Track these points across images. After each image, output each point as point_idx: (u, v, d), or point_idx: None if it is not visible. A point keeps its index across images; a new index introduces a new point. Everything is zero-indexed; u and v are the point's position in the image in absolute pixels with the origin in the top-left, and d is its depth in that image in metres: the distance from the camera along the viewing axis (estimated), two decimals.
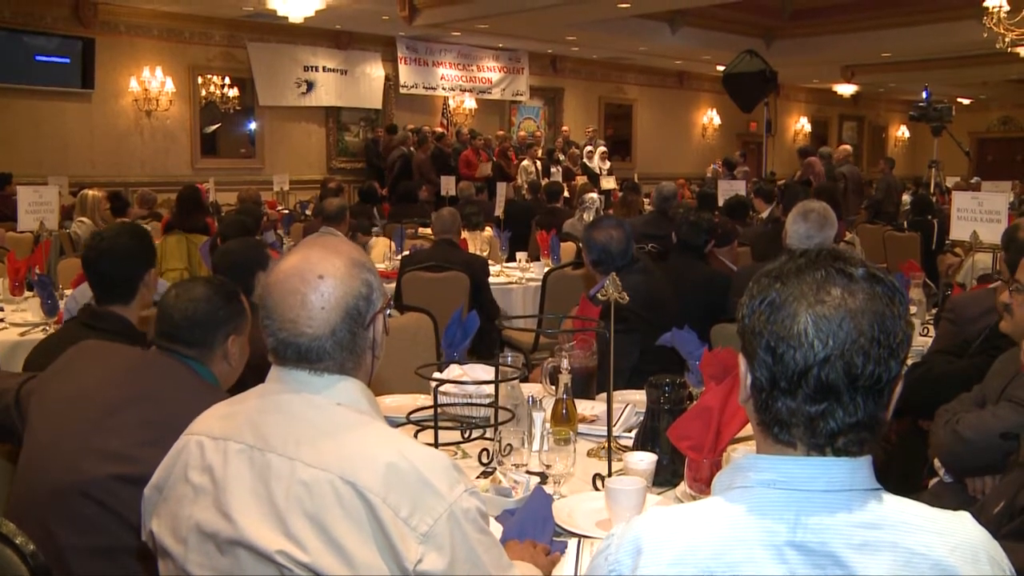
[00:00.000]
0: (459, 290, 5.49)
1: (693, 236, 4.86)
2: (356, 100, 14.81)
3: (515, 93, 16.92)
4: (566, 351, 2.84)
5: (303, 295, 1.55)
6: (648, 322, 3.56)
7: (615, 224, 3.81)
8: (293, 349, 1.56)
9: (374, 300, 1.61)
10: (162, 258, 6.59)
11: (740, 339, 1.29)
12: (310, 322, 1.55)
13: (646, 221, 7.38)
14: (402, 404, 2.98)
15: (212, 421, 1.60)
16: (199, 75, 13.38)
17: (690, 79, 20.18)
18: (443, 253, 5.74)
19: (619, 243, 3.73)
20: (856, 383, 1.20)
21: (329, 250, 1.61)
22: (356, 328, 1.58)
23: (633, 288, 3.10)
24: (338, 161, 14.89)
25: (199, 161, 13.34)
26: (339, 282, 1.57)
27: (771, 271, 1.28)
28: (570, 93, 18.24)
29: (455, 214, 5.98)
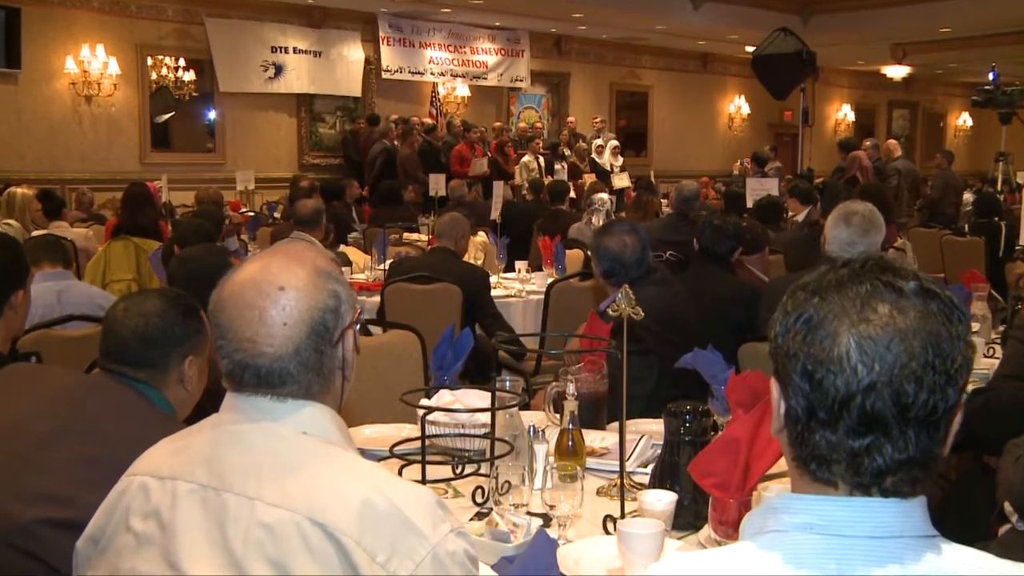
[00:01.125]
0: (451, 304, 5.49)
1: (718, 243, 4.87)
2: (332, 86, 14.86)
3: (514, 79, 16.99)
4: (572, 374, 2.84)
5: (261, 310, 1.55)
6: (666, 341, 3.56)
7: (628, 229, 3.82)
8: (251, 372, 1.56)
9: (343, 313, 1.62)
10: (106, 267, 6.58)
11: (772, 361, 1.29)
12: (270, 340, 1.55)
13: (664, 225, 7.39)
14: (385, 435, 2.98)
15: (159, 458, 1.60)
16: (148, 55, 13.36)
17: (715, 62, 20.26)
18: (437, 262, 5.76)
19: (633, 251, 3.74)
20: (907, 414, 1.19)
21: (291, 258, 1.61)
22: (323, 346, 1.58)
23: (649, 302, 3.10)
24: (311, 156, 14.93)
25: (149, 155, 13.35)
26: (303, 294, 1.57)
27: (808, 284, 1.28)
28: (577, 79, 18.31)
29: (461, 220, 5.99)
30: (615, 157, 15.92)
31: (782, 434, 1.29)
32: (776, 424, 1.30)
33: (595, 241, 3.86)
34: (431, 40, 15.85)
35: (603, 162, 15.69)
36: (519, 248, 8.43)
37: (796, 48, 12.12)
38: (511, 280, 6.85)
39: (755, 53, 12.76)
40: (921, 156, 22.94)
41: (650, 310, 2.66)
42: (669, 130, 19.62)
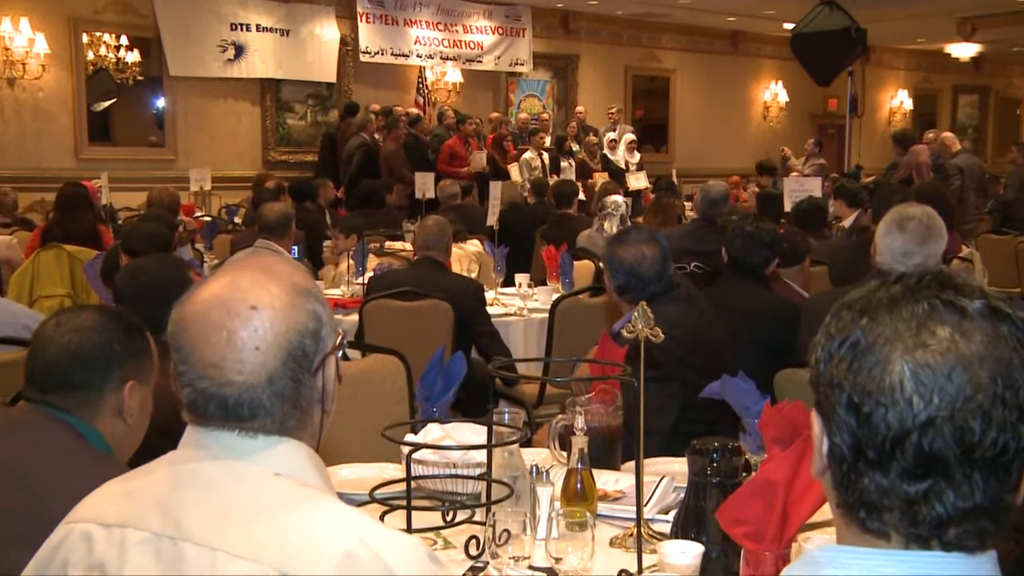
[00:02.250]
0: (440, 324, 5.50)
1: (750, 253, 4.88)
2: (302, 71, 14.90)
3: (514, 62, 17.03)
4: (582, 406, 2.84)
5: (230, 332, 1.56)
6: (690, 367, 3.57)
7: (646, 237, 3.83)
8: (217, 403, 1.57)
9: (324, 337, 1.63)
10: (34, 280, 6.57)
11: (813, 392, 1.30)
12: (240, 367, 1.56)
13: (688, 233, 7.41)
14: (364, 477, 2.98)
15: (105, 502, 1.59)
16: (84, 32, 13.33)
17: (747, 42, 20.33)
18: (424, 276, 5.77)
19: (652, 263, 3.75)
20: (972, 455, 1.18)
21: (264, 273, 1.62)
22: (301, 374, 1.59)
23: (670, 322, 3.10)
24: (278, 152, 14.96)
25: (85, 149, 13.37)
26: (278, 314, 1.58)
27: (855, 302, 1.28)
28: (587, 62, 18.37)
29: (444, 225, 6.01)
30: (631, 153, 15.94)
31: (825, 476, 1.30)
32: (818, 464, 1.30)
33: (608, 251, 3.87)
34: (417, 17, 15.90)
35: (617, 159, 15.73)
36: (519, 259, 8.42)
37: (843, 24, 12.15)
38: (510, 296, 6.86)
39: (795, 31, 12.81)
40: (993, 150, 22.88)
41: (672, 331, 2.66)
42: (694, 122, 19.67)
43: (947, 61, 22.64)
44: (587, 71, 18.40)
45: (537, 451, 3.25)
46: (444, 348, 3.22)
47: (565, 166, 14.92)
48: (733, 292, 4.84)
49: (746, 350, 4.32)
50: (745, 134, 20.62)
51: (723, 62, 20.17)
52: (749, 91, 20.81)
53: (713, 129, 19.84)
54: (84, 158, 13.23)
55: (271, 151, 14.93)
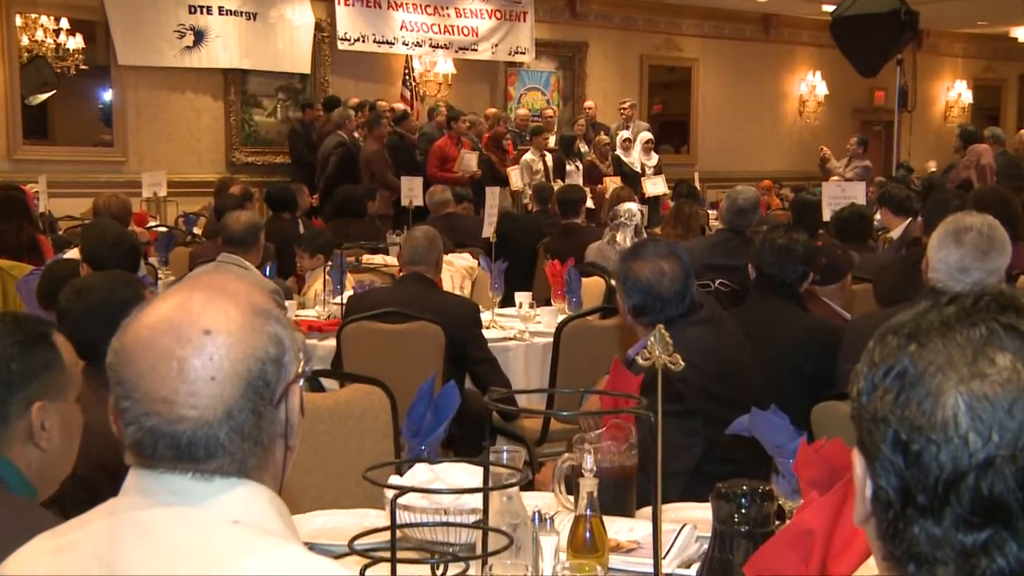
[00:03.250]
0: (430, 350, 5.50)
1: (783, 268, 4.89)
2: (271, 60, 14.94)
3: (513, 51, 17.06)
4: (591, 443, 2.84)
5: (181, 360, 1.57)
6: (715, 399, 3.57)
7: (665, 251, 3.84)
8: (168, 442, 1.57)
9: (286, 364, 1.64)
10: None
11: (855, 427, 1.30)
12: (194, 401, 1.56)
13: (712, 246, 7.42)
14: (343, 525, 2.98)
15: (34, 559, 1.59)
16: (17, 13, 13.36)
17: (781, 26, 20.40)
18: (411, 294, 5.78)
19: (672, 280, 3.76)
20: None
21: (218, 292, 1.63)
22: (262, 406, 1.61)
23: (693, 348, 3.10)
24: (244, 153, 14.99)
25: (20, 148, 13.42)
26: (235, 339, 1.59)
27: (903, 325, 1.28)
28: (597, 50, 18.44)
29: (433, 237, 6.01)
30: (647, 155, 15.96)
31: (869, 524, 1.30)
32: (861, 511, 1.31)
33: (621, 267, 3.88)
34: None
35: (631, 161, 15.74)
36: (520, 275, 8.42)
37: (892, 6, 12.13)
38: (510, 318, 6.86)
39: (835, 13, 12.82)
40: None
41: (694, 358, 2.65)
42: (719, 118, 19.71)
43: (1013, 47, 22.64)
44: (597, 61, 18.45)
45: (540, 495, 3.25)
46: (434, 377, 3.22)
47: (571, 169, 14.88)
48: (764, 313, 4.85)
49: (779, 380, 4.31)
50: (778, 132, 20.68)
51: (753, 50, 20.23)
52: (783, 83, 20.88)
53: (741, 127, 19.87)
54: (18, 159, 13.27)
55: (236, 152, 14.95)
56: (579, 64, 18.27)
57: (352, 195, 10.77)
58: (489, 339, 6.06)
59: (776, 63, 20.65)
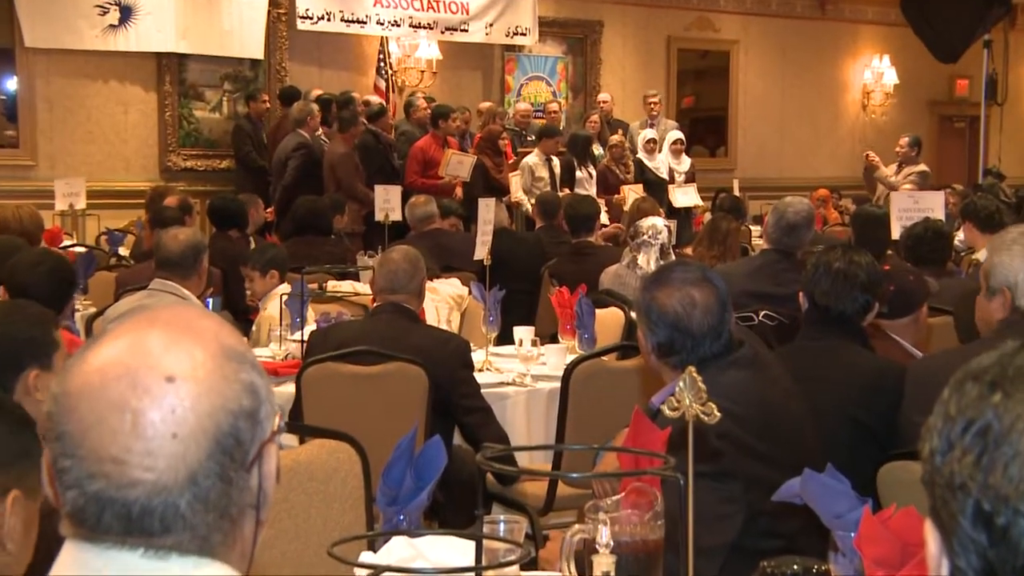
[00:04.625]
0: (409, 397, 5.50)
1: (842, 298, 4.88)
2: (216, 43, 14.91)
3: (512, 31, 17.02)
4: (607, 512, 2.85)
5: (138, 412, 1.57)
6: (759, 458, 3.58)
7: (698, 276, 3.85)
8: (117, 511, 1.57)
9: (262, 419, 1.66)
10: None
11: (927, 494, 1.31)
12: (150, 461, 1.57)
13: (756, 270, 7.41)
14: None
15: None
16: None
17: (840, 2, 20.38)
18: (387, 330, 5.79)
19: (705, 312, 3.77)
20: None
21: (181, 330, 1.65)
22: (233, 471, 1.61)
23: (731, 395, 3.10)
24: (181, 156, 14.98)
25: None
26: (204, 388, 1.60)
27: (984, 370, 1.28)
28: (614, 31, 18.45)
29: (415, 259, 6.01)
30: (676, 158, 15.92)
31: None
32: None
33: (644, 296, 3.88)
34: None
35: (656, 166, 15.67)
36: (520, 306, 8.43)
37: None
38: (507, 358, 6.87)
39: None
40: None
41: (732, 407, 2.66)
42: (763, 113, 19.74)
43: None
44: (614, 44, 18.46)
45: (545, 575, 3.26)
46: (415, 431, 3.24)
47: (582, 176, 14.81)
48: (818, 353, 4.84)
49: (837, 434, 4.32)
50: (836, 131, 20.69)
51: (805, 30, 20.24)
52: (842, 70, 20.89)
53: (791, 124, 19.89)
54: None
55: (172, 155, 14.93)
56: (592, 48, 18.27)
57: (315, 208, 10.67)
58: (482, 384, 6.04)
59: (834, 46, 20.64)
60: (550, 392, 6.21)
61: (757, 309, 6.64)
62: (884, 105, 21.00)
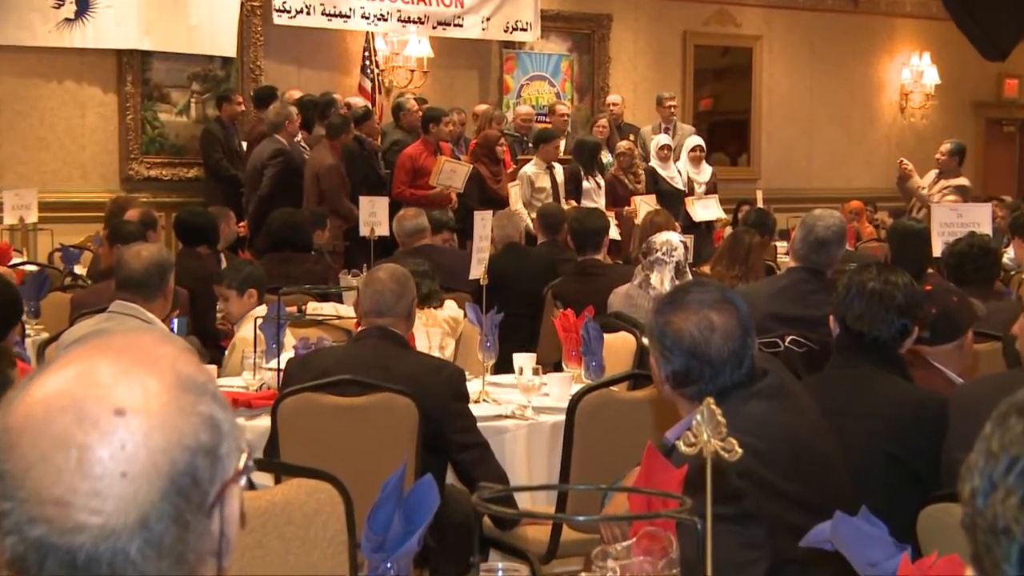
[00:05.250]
0: (398, 432, 5.51)
1: (877, 322, 4.88)
2: (183, 39, 14.91)
3: (512, 26, 17.02)
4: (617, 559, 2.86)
5: (84, 449, 1.57)
6: (785, 499, 3.58)
7: (717, 297, 3.85)
8: (60, 558, 1.56)
9: (223, 456, 1.65)
10: None
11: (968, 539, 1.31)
12: (98, 503, 1.56)
13: (782, 290, 7.40)
14: None
15: None
16: None
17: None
18: (374, 357, 5.79)
19: (725, 337, 3.77)
20: None
21: (135, 358, 1.65)
22: (189, 513, 1.60)
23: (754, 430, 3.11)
24: (145, 164, 14.99)
25: None
26: (157, 422, 1.60)
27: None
28: (624, 26, 18.49)
29: (403, 279, 6.01)
30: (696, 167, 15.91)
31: None
32: None
33: (657, 319, 3.88)
34: None
35: (670, 176, 15.66)
36: (521, 331, 8.44)
37: None
38: (506, 388, 6.87)
39: None
40: None
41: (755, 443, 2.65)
42: (790, 116, 19.78)
43: None
44: (624, 40, 18.50)
45: None
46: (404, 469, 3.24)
47: (589, 186, 14.78)
48: (851, 383, 4.84)
49: (872, 473, 4.32)
50: (871, 136, 20.72)
51: (836, 24, 20.28)
52: (878, 69, 20.92)
53: (820, 128, 19.91)
54: None
55: (134, 163, 14.95)
56: (600, 45, 18.31)
57: (293, 222, 10.67)
58: (478, 417, 6.04)
59: (869, 41, 20.68)
60: (553, 426, 6.21)
61: (783, 334, 6.64)
62: (924, 107, 21.03)
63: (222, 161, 14.36)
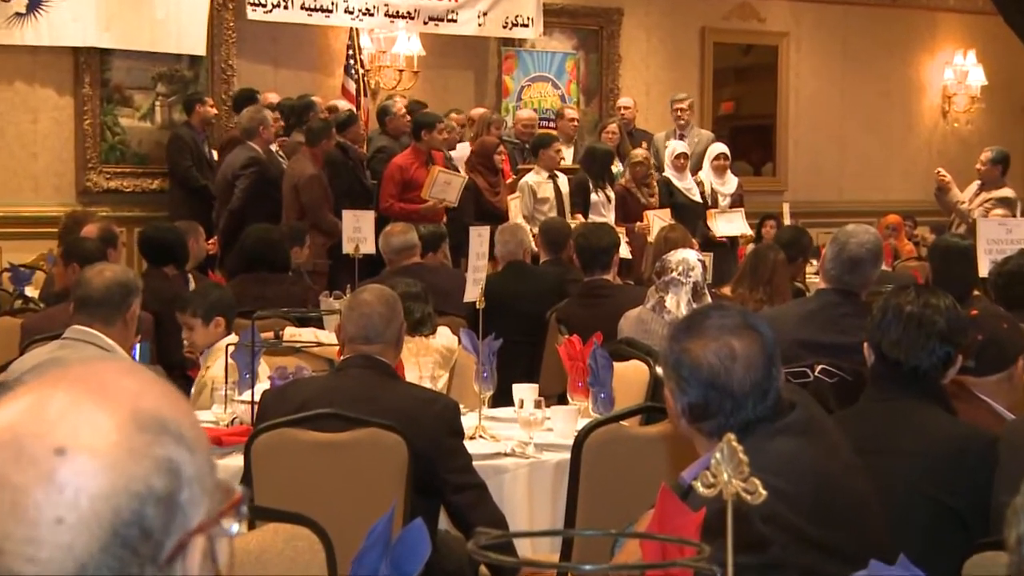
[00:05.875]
0: (385, 471, 5.51)
1: (916, 349, 4.89)
2: (147, 36, 14.93)
3: (511, 22, 17.05)
4: None
5: (18, 490, 1.57)
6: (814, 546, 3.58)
7: (739, 322, 3.86)
8: None
9: (183, 504, 1.64)
10: None
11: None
12: (31, 550, 1.56)
13: (811, 314, 7.40)
14: None
15: None
16: None
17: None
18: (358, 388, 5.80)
19: (747, 366, 3.77)
20: None
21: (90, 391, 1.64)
22: (137, 567, 1.60)
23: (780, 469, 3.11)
24: (104, 175, 15.01)
25: None
26: (103, 464, 1.59)
27: None
28: (635, 22, 18.53)
29: (391, 302, 6.02)
30: (720, 176, 15.89)
31: None
32: None
33: (673, 346, 3.88)
34: None
35: (687, 187, 15.66)
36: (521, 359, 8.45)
37: None
38: (505, 423, 6.88)
39: None
40: None
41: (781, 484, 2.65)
42: (820, 121, 19.80)
43: None
44: (636, 37, 18.54)
45: None
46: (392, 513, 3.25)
47: (598, 199, 14.80)
48: (887, 418, 4.85)
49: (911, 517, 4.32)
50: (910, 143, 20.75)
51: (872, 19, 20.31)
52: (917, 69, 20.94)
53: (853, 134, 19.94)
54: None
55: (92, 173, 14.97)
56: (609, 42, 18.34)
57: (268, 238, 10.66)
58: (474, 455, 6.05)
59: (908, 38, 20.70)
60: (557, 465, 6.22)
61: (812, 363, 6.63)
62: (969, 111, 21.04)
63: (191, 170, 14.34)
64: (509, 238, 10.61)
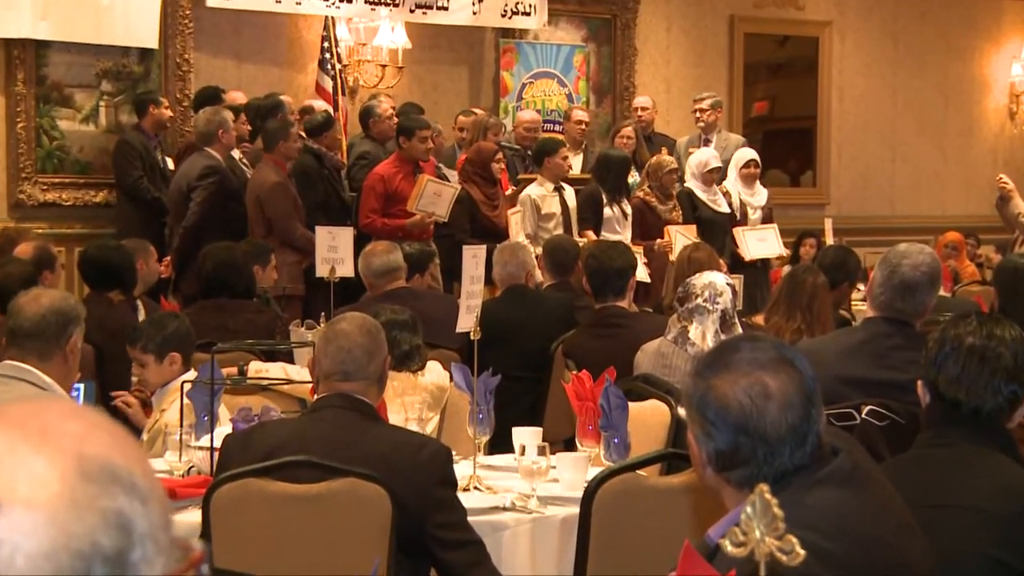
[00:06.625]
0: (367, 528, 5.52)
1: (979, 389, 4.89)
2: (89, 26, 14.95)
3: (510, 10, 17.06)
4: None
5: None
6: None
7: (773, 356, 3.86)
8: None
9: (135, 564, 1.66)
10: None
11: None
12: None
13: (857, 347, 7.42)
14: None
15: None
16: None
17: None
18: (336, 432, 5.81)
19: (783, 407, 3.78)
20: None
21: (28, 437, 1.66)
22: None
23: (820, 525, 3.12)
24: (40, 186, 15.02)
25: None
26: (44, 520, 1.61)
27: None
28: (654, 11, 18.57)
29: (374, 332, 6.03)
30: (749, 186, 15.85)
31: None
32: None
33: (698, 383, 3.89)
34: None
35: (712, 199, 15.63)
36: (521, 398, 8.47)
37: None
38: (504, 473, 6.91)
39: None
40: None
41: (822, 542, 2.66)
42: (867, 125, 19.86)
43: None
44: (655, 27, 18.60)
45: None
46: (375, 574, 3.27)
47: (613, 215, 14.78)
48: (945, 466, 4.85)
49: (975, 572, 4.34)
50: (971, 150, 20.78)
51: (926, 8, 20.38)
52: (980, 64, 20.99)
53: (907, 139, 20.00)
54: None
55: (26, 183, 14.99)
56: (624, 33, 18.39)
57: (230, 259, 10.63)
58: (469, 508, 6.06)
59: (969, 29, 20.75)
60: (564, 520, 6.23)
61: (859, 403, 6.64)
62: None
63: (141, 181, 14.26)
64: (509, 259, 10.59)
